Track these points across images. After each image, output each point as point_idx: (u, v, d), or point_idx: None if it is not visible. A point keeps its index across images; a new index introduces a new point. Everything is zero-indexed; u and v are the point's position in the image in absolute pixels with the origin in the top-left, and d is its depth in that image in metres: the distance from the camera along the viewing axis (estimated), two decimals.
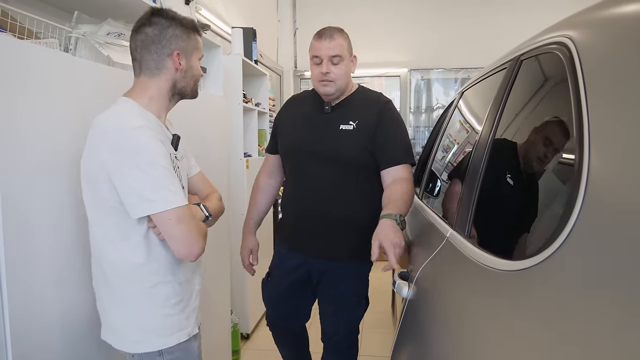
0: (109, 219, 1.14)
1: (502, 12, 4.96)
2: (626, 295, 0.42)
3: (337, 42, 1.60)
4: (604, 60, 0.63)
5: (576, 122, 0.60)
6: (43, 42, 1.36)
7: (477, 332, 0.64)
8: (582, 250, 0.51)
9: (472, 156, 1.05)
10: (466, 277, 0.75)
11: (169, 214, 1.09)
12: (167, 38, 1.21)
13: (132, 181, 1.08)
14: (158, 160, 1.09)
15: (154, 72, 1.22)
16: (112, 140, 1.08)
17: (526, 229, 0.66)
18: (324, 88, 1.62)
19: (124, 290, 1.18)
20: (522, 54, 0.97)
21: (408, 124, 5.34)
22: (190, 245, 1.13)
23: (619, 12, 0.66)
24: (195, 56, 1.28)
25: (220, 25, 3.31)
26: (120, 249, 1.16)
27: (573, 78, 0.66)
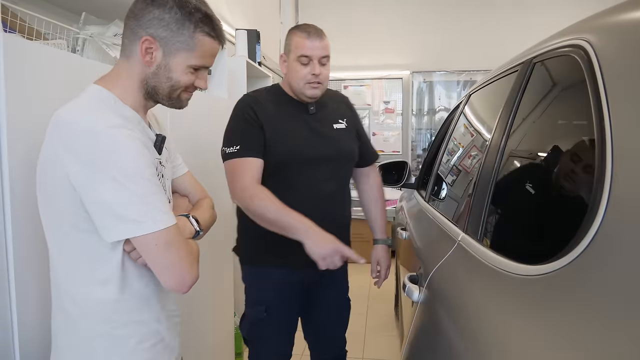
0: (70, 241, 0.91)
1: (504, 15, 4.96)
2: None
3: (326, 41, 1.54)
4: (625, 64, 0.62)
5: (597, 126, 0.60)
6: (51, 43, 1.36)
7: (494, 334, 0.63)
8: (606, 255, 0.51)
9: (485, 160, 1.04)
10: (482, 281, 0.75)
11: (155, 237, 0.86)
12: (148, 18, 0.93)
13: (108, 197, 0.84)
14: (140, 171, 0.86)
15: (126, 56, 0.97)
16: (79, 146, 0.84)
17: (547, 233, 0.66)
18: (312, 91, 1.51)
19: (86, 327, 0.93)
20: (535, 56, 0.97)
21: (410, 127, 5.34)
22: (182, 275, 0.90)
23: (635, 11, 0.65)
24: (183, 58, 0.96)
25: (224, 27, 3.31)
26: (85, 281, 0.92)
27: (592, 82, 0.66)
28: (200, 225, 1.05)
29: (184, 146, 1.78)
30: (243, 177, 1.43)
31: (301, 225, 1.34)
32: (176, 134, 1.78)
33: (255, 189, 1.41)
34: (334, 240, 1.33)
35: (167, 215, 0.89)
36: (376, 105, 5.38)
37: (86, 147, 0.84)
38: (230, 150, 1.46)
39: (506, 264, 0.69)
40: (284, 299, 1.57)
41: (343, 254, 1.32)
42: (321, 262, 1.32)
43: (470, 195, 1.05)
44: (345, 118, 1.65)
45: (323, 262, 1.31)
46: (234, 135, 1.49)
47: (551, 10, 4.83)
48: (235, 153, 1.45)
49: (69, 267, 0.93)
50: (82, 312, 0.93)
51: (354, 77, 5.36)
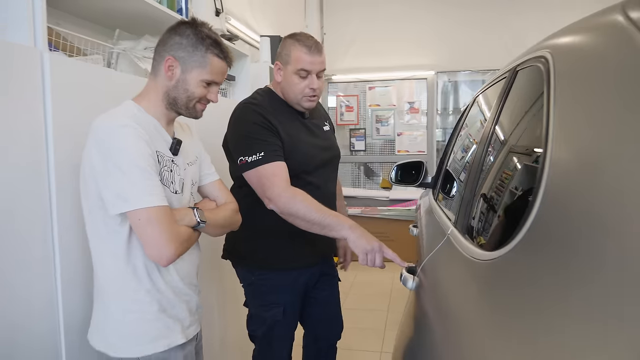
0: (96, 216, 1.13)
1: (528, 14, 4.93)
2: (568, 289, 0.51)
3: (324, 55, 1.58)
4: (572, 73, 0.71)
5: (545, 128, 0.69)
6: (89, 58, 1.53)
7: (460, 314, 0.73)
8: (537, 244, 0.60)
9: (473, 159, 1.13)
10: (453, 266, 0.85)
11: (139, 213, 1.06)
12: (170, 44, 1.19)
13: (111, 179, 1.07)
14: (137, 161, 1.07)
15: (154, 75, 1.22)
16: (98, 140, 1.08)
17: (501, 224, 0.75)
18: (309, 103, 1.59)
19: (106, 290, 1.16)
20: (519, 64, 1.05)
21: (435, 126, 5.37)
22: (159, 248, 1.08)
23: (589, 31, 0.74)
24: (197, 74, 1.19)
25: (250, 34, 3.47)
26: (104, 248, 1.15)
27: (547, 88, 0.75)
28: (202, 218, 1.20)
29: (212, 148, 1.93)
30: (276, 182, 1.45)
31: (345, 222, 1.41)
32: (204, 136, 1.94)
33: (293, 190, 1.45)
34: (378, 240, 1.39)
35: (152, 197, 1.07)
36: (401, 105, 5.43)
37: (102, 141, 1.08)
38: (254, 158, 1.47)
39: (474, 251, 0.79)
40: (295, 300, 1.67)
41: (386, 253, 1.37)
42: (363, 256, 1.37)
43: (461, 192, 1.14)
44: (327, 120, 1.79)
45: (365, 257, 1.36)
46: (254, 143, 1.49)
47: (573, 8, 4.77)
48: (260, 160, 1.46)
49: (97, 242, 1.16)
50: (103, 280, 1.16)
51: (379, 79, 5.43)
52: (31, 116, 1.13)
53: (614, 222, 0.48)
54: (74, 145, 1.19)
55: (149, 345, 1.16)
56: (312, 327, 1.83)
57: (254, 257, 1.64)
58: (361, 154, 5.53)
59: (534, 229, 0.61)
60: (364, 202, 5.03)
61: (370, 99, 5.48)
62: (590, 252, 0.49)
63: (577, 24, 0.81)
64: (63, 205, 1.21)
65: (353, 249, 1.40)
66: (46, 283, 1.19)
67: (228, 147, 1.62)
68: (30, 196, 1.14)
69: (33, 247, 1.15)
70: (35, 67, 1.13)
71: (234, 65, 2.57)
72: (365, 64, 5.39)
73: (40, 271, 1.17)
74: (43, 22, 1.16)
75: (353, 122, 5.49)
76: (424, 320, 0.81)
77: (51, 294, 1.20)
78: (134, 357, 1.15)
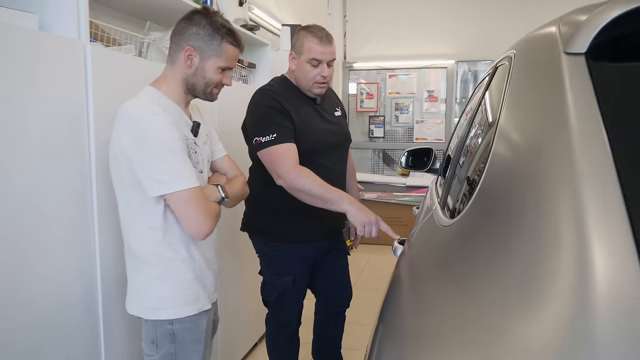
0: (130, 195, 1.25)
1: (549, 5, 4.91)
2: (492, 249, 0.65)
3: (334, 46, 1.74)
4: (519, 69, 0.85)
5: (497, 117, 0.83)
6: (123, 48, 1.71)
7: (423, 266, 0.88)
8: (477, 214, 0.74)
9: (458, 145, 1.27)
10: (427, 232, 1.00)
11: (178, 194, 1.18)
12: (188, 34, 1.28)
13: (148, 164, 1.17)
14: (170, 145, 1.17)
15: (172, 62, 1.32)
16: (130, 127, 1.19)
17: (461, 198, 0.89)
18: (319, 89, 1.74)
19: (144, 261, 1.28)
20: (499, 61, 1.18)
21: (454, 114, 5.44)
22: (198, 225, 1.20)
23: (539, 36, 0.87)
24: (214, 61, 1.29)
25: (272, 23, 3.61)
26: (138, 224, 1.26)
27: (506, 82, 0.88)
28: (226, 194, 1.36)
29: (232, 129, 2.10)
30: (285, 160, 1.61)
31: (345, 197, 1.59)
32: (224, 119, 2.11)
33: (300, 168, 1.61)
34: (374, 213, 1.56)
35: (188, 179, 1.19)
36: (420, 93, 5.51)
37: (134, 128, 1.19)
38: (267, 139, 1.63)
39: (442, 219, 0.94)
40: (305, 270, 1.86)
41: (381, 226, 1.54)
42: (361, 227, 1.53)
43: (448, 175, 1.29)
44: (339, 106, 1.94)
45: (362, 229, 1.53)
46: (268, 125, 1.65)
47: None
48: (273, 141, 1.63)
49: (131, 218, 1.29)
50: (141, 251, 1.28)
51: (400, 67, 5.51)
52: (75, 102, 1.31)
53: (529, 198, 0.62)
54: (111, 127, 1.37)
55: (182, 309, 1.29)
56: (322, 296, 2.01)
57: (268, 230, 1.82)
58: (380, 141, 5.65)
59: (476, 201, 0.75)
60: (380, 188, 5.16)
61: (391, 87, 5.58)
62: (510, 220, 0.63)
63: (537, 29, 0.93)
64: (101, 182, 1.39)
65: (352, 221, 1.56)
66: (85, 255, 1.38)
67: (246, 130, 1.78)
68: (73, 175, 1.32)
69: (74, 222, 1.34)
70: (79, 58, 1.31)
71: (254, 53, 2.73)
72: (386, 52, 5.48)
73: (80, 244, 1.36)
74: (86, 16, 1.33)
75: (373, 110, 5.61)
76: (397, 278, 0.96)
77: (90, 262, 1.39)
78: (167, 319, 1.28)
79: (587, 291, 0.43)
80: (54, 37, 1.27)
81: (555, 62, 0.68)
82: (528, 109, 0.72)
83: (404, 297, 0.78)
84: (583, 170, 0.51)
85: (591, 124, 0.55)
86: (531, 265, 0.51)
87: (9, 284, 1.13)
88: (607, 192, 0.49)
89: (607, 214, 0.47)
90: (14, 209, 1.14)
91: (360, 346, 2.62)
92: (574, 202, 0.51)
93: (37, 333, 1.22)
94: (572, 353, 0.40)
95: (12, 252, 1.14)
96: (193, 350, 1.33)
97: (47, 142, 1.22)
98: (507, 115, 0.78)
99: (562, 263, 0.47)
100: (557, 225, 0.51)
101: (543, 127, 0.65)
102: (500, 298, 0.51)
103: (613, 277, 0.44)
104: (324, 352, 2.08)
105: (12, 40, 1.12)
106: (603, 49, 0.67)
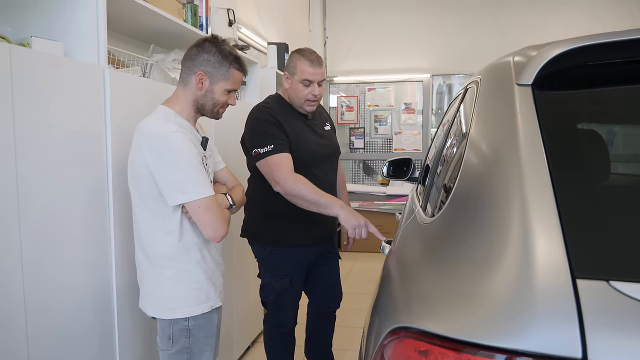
0: (151, 206, 1.37)
1: (520, 20, 5.24)
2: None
3: (324, 67, 1.93)
4: (484, 93, 1.04)
5: (468, 133, 1.02)
6: (130, 70, 1.86)
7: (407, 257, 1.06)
8: (452, 214, 0.93)
9: (435, 156, 1.47)
10: (411, 230, 1.18)
11: (199, 202, 1.32)
12: (200, 60, 1.43)
13: (170, 176, 1.30)
14: (191, 160, 1.32)
15: (184, 84, 1.45)
16: (153, 144, 1.31)
17: (439, 200, 1.08)
18: (310, 107, 1.93)
19: (160, 265, 1.40)
20: (469, 83, 1.38)
21: (430, 125, 5.70)
22: (215, 229, 1.35)
23: (499, 65, 1.07)
24: (222, 85, 1.45)
25: (259, 41, 3.79)
26: (156, 231, 1.38)
27: (474, 103, 1.08)
28: (233, 201, 1.53)
29: (228, 143, 2.26)
30: (283, 169, 1.76)
31: (337, 203, 1.76)
32: (221, 134, 2.27)
33: (296, 176, 1.76)
34: (364, 217, 1.73)
35: (207, 189, 1.34)
36: (398, 106, 5.76)
37: (157, 144, 1.33)
38: (265, 149, 1.78)
39: (423, 218, 1.12)
40: (300, 272, 2.01)
41: (369, 228, 1.71)
42: (352, 230, 1.70)
43: (428, 181, 1.48)
44: (328, 121, 2.13)
45: (353, 231, 1.70)
46: (265, 138, 1.80)
47: (567, 15, 5.08)
48: (270, 151, 1.78)
49: (148, 225, 1.41)
50: (157, 255, 1.41)
51: (378, 80, 5.76)
52: (94, 120, 1.46)
53: (491, 198, 0.80)
54: (127, 143, 1.52)
55: (196, 307, 1.42)
56: (315, 296, 2.17)
57: (266, 236, 1.97)
58: (360, 152, 5.87)
59: (451, 202, 0.94)
60: (362, 197, 5.37)
61: (370, 100, 5.82)
62: (477, 215, 0.81)
63: (498, 59, 1.14)
64: (118, 192, 1.53)
65: (343, 224, 1.73)
66: (102, 260, 1.52)
67: (245, 143, 1.95)
68: (92, 186, 1.46)
69: (93, 231, 1.48)
70: (98, 81, 1.46)
71: None
72: (365, 67, 5.73)
73: (98, 249, 1.50)
74: (104, 43, 1.49)
75: (353, 122, 5.83)
76: (386, 271, 1.14)
77: (107, 269, 1.53)
78: (183, 317, 1.41)
79: (528, 257, 0.61)
80: (77, 63, 1.42)
81: (509, 91, 0.88)
82: (490, 126, 0.91)
83: (395, 276, 0.96)
84: (527, 175, 0.70)
85: (534, 139, 0.74)
86: (491, 247, 0.69)
87: (32, 289, 1.27)
88: (543, 191, 0.67)
89: (543, 206, 0.66)
90: (37, 218, 1.28)
91: (348, 347, 2.78)
92: (521, 200, 0.69)
93: (59, 333, 1.35)
94: (518, 298, 0.58)
95: (32, 256, 1.28)
96: (205, 343, 1.47)
97: (68, 154, 1.37)
98: (474, 134, 0.97)
99: (513, 241, 0.65)
100: (510, 216, 0.70)
101: (501, 141, 0.84)
102: (470, 267, 0.69)
103: (546, 250, 0.62)
104: (316, 349, 2.24)
105: (42, 65, 1.27)
106: (547, 80, 0.87)
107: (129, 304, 1.59)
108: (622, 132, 1.02)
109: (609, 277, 0.55)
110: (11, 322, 1.18)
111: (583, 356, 0.51)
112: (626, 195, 0.76)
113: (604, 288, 0.55)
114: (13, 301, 1.19)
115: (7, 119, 1.16)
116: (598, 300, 0.54)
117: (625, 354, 0.50)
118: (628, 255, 0.60)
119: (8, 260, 1.17)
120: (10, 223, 1.18)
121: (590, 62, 0.87)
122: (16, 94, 1.18)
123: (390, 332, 0.69)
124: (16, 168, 1.19)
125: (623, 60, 0.86)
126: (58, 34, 1.44)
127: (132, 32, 2.03)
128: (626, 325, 0.52)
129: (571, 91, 0.89)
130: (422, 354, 0.61)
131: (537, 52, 0.89)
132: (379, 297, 0.98)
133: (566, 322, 0.53)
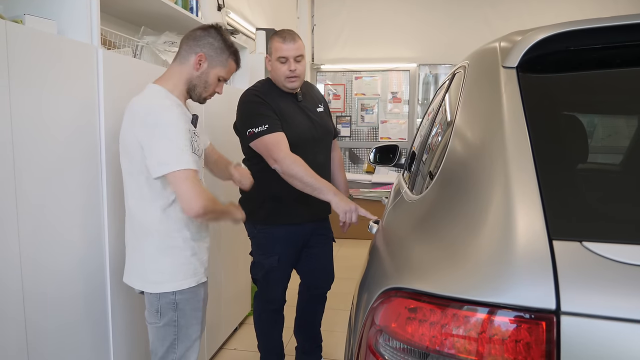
0: (140, 183, 1.40)
1: (506, 11, 5.32)
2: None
3: (299, 43, 1.93)
4: (471, 77, 1.09)
5: (454, 116, 1.07)
6: (121, 51, 1.87)
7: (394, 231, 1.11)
8: (438, 191, 0.98)
9: (423, 140, 1.52)
10: (398, 208, 1.23)
11: (177, 173, 1.33)
12: (204, 42, 1.48)
13: (159, 148, 1.32)
14: (178, 126, 1.35)
15: (180, 62, 1.48)
16: (149, 119, 1.34)
17: (425, 180, 1.13)
18: (291, 83, 1.93)
19: (148, 240, 1.44)
20: (457, 68, 1.43)
21: (416, 115, 5.77)
22: (190, 202, 1.34)
23: (486, 50, 1.12)
24: (217, 71, 1.51)
25: (247, 27, 3.79)
26: (146, 206, 1.42)
27: (461, 87, 1.13)
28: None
29: (218, 125, 2.28)
30: (280, 147, 1.81)
31: (331, 189, 1.82)
32: (212, 116, 2.29)
33: (294, 156, 1.81)
34: (354, 202, 1.81)
35: (187, 162, 1.34)
36: (385, 95, 5.81)
37: (153, 118, 1.35)
38: (260, 129, 1.83)
39: (410, 196, 1.17)
40: (290, 251, 2.06)
41: (359, 212, 1.78)
42: (342, 215, 1.77)
43: (414, 164, 1.53)
44: (322, 103, 2.15)
45: (344, 215, 1.77)
46: (258, 118, 1.85)
47: (554, 5, 5.17)
48: (265, 130, 1.83)
49: (138, 200, 1.44)
50: (144, 229, 1.45)
51: (365, 69, 5.79)
52: (88, 97, 1.47)
53: (476, 174, 0.85)
54: (120, 122, 1.54)
55: (183, 281, 1.46)
56: (306, 277, 2.22)
57: (257, 215, 2.00)
58: (347, 140, 5.91)
59: (437, 180, 0.99)
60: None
61: (357, 88, 5.86)
62: (460, 191, 0.86)
63: (485, 44, 1.18)
64: (111, 169, 1.55)
65: (335, 209, 1.79)
66: (96, 236, 1.54)
67: (238, 126, 1.98)
68: (84, 164, 1.48)
69: (85, 211, 1.50)
70: (92, 61, 1.47)
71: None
72: (353, 55, 5.75)
73: (91, 228, 1.53)
74: (98, 23, 1.50)
75: (340, 110, 5.87)
76: (375, 245, 1.19)
77: (100, 243, 1.56)
78: (170, 291, 1.45)
79: (509, 221, 0.66)
80: (72, 42, 1.42)
81: (495, 73, 0.93)
82: (476, 110, 0.96)
83: (384, 247, 1.01)
84: (510, 149, 0.75)
85: (518, 122, 0.79)
86: (474, 215, 0.75)
87: (30, 279, 1.29)
88: (525, 164, 0.73)
89: (524, 177, 0.71)
90: (31, 195, 1.30)
91: (334, 328, 2.85)
92: (504, 171, 0.74)
93: (55, 320, 1.38)
94: (499, 257, 0.63)
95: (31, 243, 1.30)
96: (192, 317, 1.51)
97: (61, 132, 1.38)
98: (461, 115, 1.02)
99: (495, 208, 0.71)
100: (493, 186, 0.75)
101: (486, 125, 0.89)
102: (455, 232, 0.75)
103: (526, 215, 0.67)
104: (305, 329, 2.30)
105: (37, 42, 1.28)
106: (531, 64, 0.92)
107: (123, 292, 1.62)
108: (601, 113, 1.08)
109: (582, 238, 0.61)
110: (9, 310, 1.21)
111: (557, 307, 0.57)
112: (600, 170, 0.82)
113: (577, 248, 0.60)
114: (10, 288, 1.21)
115: (4, 94, 1.17)
116: (571, 259, 0.59)
117: (593, 304, 0.56)
118: (599, 220, 0.66)
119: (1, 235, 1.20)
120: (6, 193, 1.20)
121: (572, 47, 0.92)
122: (12, 71, 1.19)
123: (381, 294, 0.74)
124: (12, 143, 1.20)
125: (603, 46, 0.91)
126: (51, 12, 1.44)
127: (123, 14, 2.03)
128: (595, 279, 0.58)
129: (554, 74, 0.94)
130: (411, 311, 0.66)
131: (522, 37, 0.93)
132: (368, 267, 1.03)
133: (542, 277, 0.58)
